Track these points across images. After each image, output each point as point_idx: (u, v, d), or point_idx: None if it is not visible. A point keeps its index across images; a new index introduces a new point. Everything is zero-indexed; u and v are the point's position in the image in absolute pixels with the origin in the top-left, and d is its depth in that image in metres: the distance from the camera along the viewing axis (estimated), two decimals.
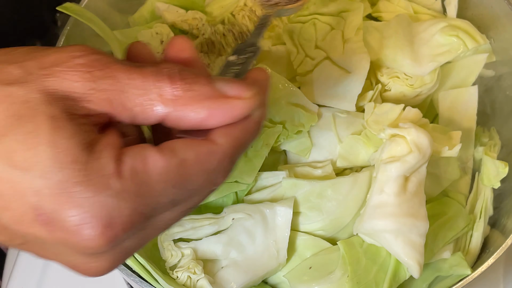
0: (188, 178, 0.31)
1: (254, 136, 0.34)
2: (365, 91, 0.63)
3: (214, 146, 0.32)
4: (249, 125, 0.34)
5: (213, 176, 0.32)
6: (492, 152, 0.64)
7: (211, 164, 0.32)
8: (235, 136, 0.33)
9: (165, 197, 0.31)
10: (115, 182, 0.29)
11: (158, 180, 0.30)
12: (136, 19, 0.74)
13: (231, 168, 0.33)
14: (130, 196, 0.29)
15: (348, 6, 0.65)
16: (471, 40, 0.65)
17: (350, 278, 0.53)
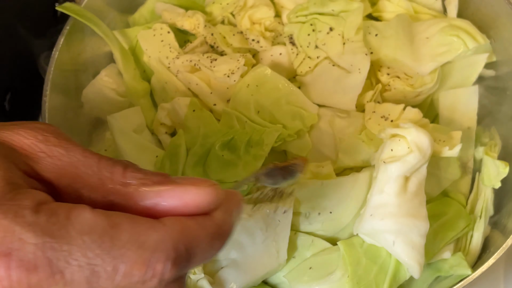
0: (115, 243, 0.27)
1: (213, 239, 0.31)
2: (365, 91, 0.63)
3: (156, 222, 0.29)
4: (207, 222, 0.31)
5: (148, 255, 0.28)
6: (493, 152, 0.64)
7: (147, 239, 0.28)
8: (186, 224, 0.30)
9: (82, 254, 0.27)
10: (28, 213, 0.27)
11: (80, 230, 0.27)
12: (136, 19, 0.74)
13: (174, 259, 0.29)
14: (40, 233, 0.26)
15: (348, 6, 0.65)
16: (472, 40, 0.65)
17: (350, 279, 0.53)
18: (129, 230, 0.28)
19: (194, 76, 0.64)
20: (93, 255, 0.27)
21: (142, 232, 0.28)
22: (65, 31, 0.65)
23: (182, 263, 0.29)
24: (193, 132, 0.61)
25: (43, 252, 0.26)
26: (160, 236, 0.29)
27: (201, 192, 0.31)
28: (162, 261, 0.28)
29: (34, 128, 0.31)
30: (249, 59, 0.65)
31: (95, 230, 0.27)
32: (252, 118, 0.61)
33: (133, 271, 0.28)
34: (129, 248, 0.28)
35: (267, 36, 0.69)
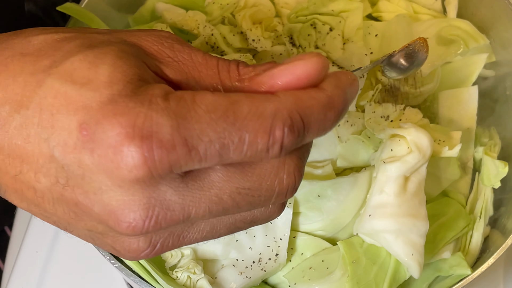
0: (238, 115, 0.30)
1: (326, 109, 0.32)
2: (365, 91, 0.63)
3: (271, 95, 0.31)
4: (318, 94, 0.32)
5: (268, 124, 0.30)
6: (492, 152, 0.64)
7: (265, 109, 0.30)
8: (298, 95, 0.32)
9: (211, 129, 0.29)
10: (160, 100, 0.29)
11: (205, 109, 0.29)
12: (136, 19, 0.74)
13: (291, 125, 0.31)
14: (173, 115, 0.29)
15: (348, 6, 0.65)
16: (472, 40, 0.65)
17: (350, 278, 0.53)
18: (248, 104, 0.30)
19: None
20: (221, 129, 0.29)
21: (260, 105, 0.30)
22: None
23: (299, 130, 0.31)
24: None
25: (179, 132, 0.29)
26: (275, 106, 0.30)
27: (309, 63, 0.33)
28: (281, 127, 0.30)
29: (159, 35, 0.34)
30: (249, 60, 0.65)
31: (219, 107, 0.30)
32: None
33: (257, 139, 0.30)
34: (250, 119, 0.30)
35: (267, 36, 0.69)
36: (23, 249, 0.76)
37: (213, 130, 0.29)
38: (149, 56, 0.33)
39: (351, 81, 0.35)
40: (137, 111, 0.28)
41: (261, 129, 0.30)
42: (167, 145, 0.28)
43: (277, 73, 0.33)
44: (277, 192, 0.33)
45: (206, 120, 0.29)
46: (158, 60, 0.33)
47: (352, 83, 0.35)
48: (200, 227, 0.34)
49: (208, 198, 0.31)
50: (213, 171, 0.32)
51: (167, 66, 0.33)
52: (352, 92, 0.35)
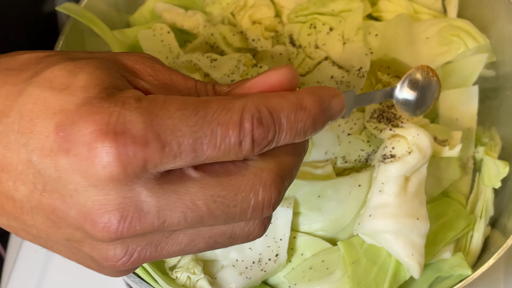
0: (208, 111, 0.31)
1: (297, 109, 0.33)
2: (365, 91, 0.63)
3: (240, 95, 0.33)
4: (288, 94, 0.33)
5: (238, 116, 0.31)
6: (493, 152, 0.64)
7: (233, 105, 0.31)
8: (266, 94, 0.33)
9: (183, 124, 0.30)
10: (133, 101, 0.30)
11: (177, 106, 0.30)
12: (136, 19, 0.74)
13: (259, 118, 0.31)
14: (145, 112, 0.30)
15: (348, 6, 0.65)
16: (472, 40, 0.65)
17: (351, 279, 0.53)
18: (217, 101, 0.31)
19: (194, 76, 0.64)
20: (193, 123, 0.30)
21: (228, 101, 0.31)
22: (65, 31, 0.65)
23: (268, 124, 0.32)
24: None
25: (152, 127, 0.29)
26: (243, 102, 0.32)
27: (281, 72, 0.34)
28: (249, 119, 0.31)
29: (142, 56, 0.35)
30: (249, 59, 0.65)
31: (190, 105, 0.31)
32: None
33: (228, 131, 0.31)
34: (220, 112, 0.31)
35: (267, 36, 0.69)
36: (23, 249, 0.76)
37: (185, 125, 0.30)
38: (130, 73, 0.34)
39: (332, 94, 0.35)
40: (111, 110, 0.29)
41: (231, 121, 0.31)
42: (141, 140, 0.29)
43: (250, 85, 0.34)
44: (252, 205, 0.33)
45: (178, 116, 0.30)
46: (139, 76, 0.34)
47: (333, 96, 0.35)
48: (178, 238, 0.34)
49: (183, 203, 0.31)
50: (188, 177, 0.32)
51: (147, 83, 0.34)
52: (334, 105, 0.35)
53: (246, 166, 0.33)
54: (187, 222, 0.32)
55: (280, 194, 0.34)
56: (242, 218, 0.33)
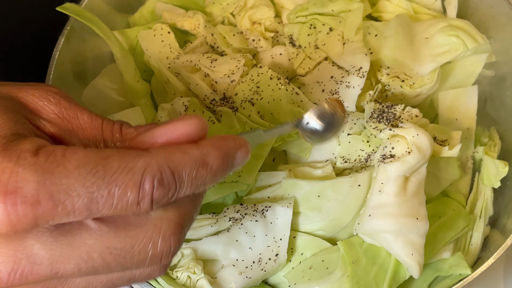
0: (108, 170, 0.30)
1: (198, 166, 0.33)
2: (365, 91, 0.63)
3: (142, 151, 0.32)
4: (192, 150, 0.33)
5: (138, 178, 0.31)
6: (492, 152, 0.64)
7: (135, 164, 0.31)
8: (169, 150, 0.33)
9: (79, 184, 0.30)
10: (29, 155, 0.30)
11: (75, 164, 0.30)
12: (136, 19, 0.74)
13: (160, 179, 0.32)
14: (40, 170, 0.29)
15: (348, 6, 0.65)
16: (471, 40, 0.65)
17: (350, 278, 0.53)
18: (118, 159, 0.31)
19: (194, 76, 0.64)
20: (89, 183, 0.30)
21: (130, 160, 0.31)
22: (65, 31, 0.65)
23: (170, 184, 0.32)
24: None
25: (44, 187, 0.29)
26: (146, 161, 0.31)
27: (189, 123, 0.34)
28: (150, 181, 0.31)
29: (48, 90, 0.34)
30: (249, 60, 0.65)
31: (89, 162, 0.30)
32: (252, 118, 0.61)
33: (126, 192, 0.31)
34: (120, 173, 0.31)
35: (267, 37, 0.69)
36: None
37: (82, 185, 0.30)
38: (32, 112, 0.33)
39: (238, 145, 0.35)
40: (3, 166, 0.29)
41: (130, 182, 0.31)
42: (32, 200, 0.29)
43: (157, 133, 0.34)
44: (150, 256, 0.33)
45: (74, 175, 0.30)
46: (41, 116, 0.34)
47: (238, 148, 0.35)
48: (75, 283, 0.34)
49: (78, 255, 0.31)
50: (86, 228, 0.32)
51: (50, 122, 0.34)
52: (238, 157, 0.35)
53: (146, 216, 0.33)
54: (81, 272, 0.32)
55: (180, 243, 0.34)
56: (139, 267, 0.33)
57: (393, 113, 0.59)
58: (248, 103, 0.62)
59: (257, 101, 0.61)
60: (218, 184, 0.57)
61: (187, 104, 0.62)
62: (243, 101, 0.62)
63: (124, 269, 0.33)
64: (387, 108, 0.60)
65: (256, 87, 0.62)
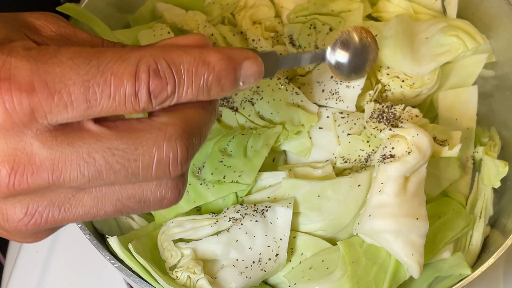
0: (101, 60, 0.29)
1: (199, 64, 0.32)
2: (365, 91, 0.63)
3: (139, 47, 0.31)
4: (192, 49, 0.32)
5: (133, 67, 0.30)
6: (492, 152, 0.64)
7: (129, 56, 0.30)
8: (166, 47, 0.32)
9: (74, 73, 0.29)
10: (21, 49, 0.29)
11: (68, 55, 0.29)
12: (136, 19, 0.74)
13: (156, 70, 0.30)
14: (33, 60, 0.29)
15: (348, 6, 0.65)
16: (471, 40, 0.65)
17: (350, 278, 0.53)
18: (112, 52, 0.30)
19: None
20: (84, 72, 0.29)
21: (124, 52, 0.30)
22: None
23: (167, 75, 0.31)
24: None
25: (38, 75, 0.28)
26: (140, 53, 0.30)
27: (193, 36, 0.34)
28: (145, 70, 0.30)
29: (46, 14, 0.34)
30: None
31: (83, 54, 0.29)
32: (252, 118, 0.61)
33: (122, 81, 0.30)
34: (114, 62, 0.30)
35: (267, 36, 0.69)
36: (23, 249, 0.76)
37: (76, 73, 0.29)
38: (30, 29, 0.33)
39: (245, 56, 0.34)
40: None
41: (126, 71, 0.30)
42: (26, 87, 0.28)
43: (162, 44, 0.33)
44: (156, 160, 0.31)
45: (68, 64, 0.29)
46: (40, 33, 0.33)
47: (246, 58, 0.34)
48: (83, 200, 0.32)
49: (79, 156, 0.30)
50: (86, 130, 0.31)
51: (48, 38, 0.33)
52: (246, 67, 0.34)
53: (150, 121, 0.32)
54: (84, 176, 0.30)
55: (188, 151, 0.32)
56: (147, 175, 0.32)
57: (393, 113, 0.59)
58: (248, 103, 0.62)
59: (257, 101, 0.61)
60: (218, 184, 0.57)
61: None
62: (243, 101, 0.62)
63: (130, 177, 0.31)
64: (387, 108, 0.60)
65: (256, 87, 0.62)
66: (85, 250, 0.71)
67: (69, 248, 0.76)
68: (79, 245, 0.73)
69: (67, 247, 0.76)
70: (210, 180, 0.57)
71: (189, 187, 0.57)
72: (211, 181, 0.57)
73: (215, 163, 0.58)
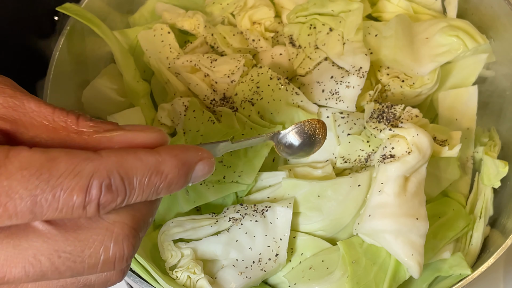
0: (53, 173, 0.29)
1: (152, 173, 0.32)
2: (365, 91, 0.63)
3: (92, 154, 0.31)
4: (147, 156, 0.32)
5: (85, 182, 0.30)
6: (492, 152, 0.64)
7: (83, 168, 0.30)
8: (121, 155, 0.32)
9: (22, 187, 0.29)
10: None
11: (18, 166, 0.29)
12: (136, 19, 0.74)
13: (108, 185, 0.31)
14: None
15: (347, 6, 0.65)
16: (471, 40, 0.65)
17: (350, 278, 0.53)
18: (66, 162, 0.30)
19: (194, 76, 0.64)
20: (33, 186, 0.29)
21: (78, 163, 0.30)
22: (65, 31, 0.65)
23: (119, 190, 0.31)
24: (193, 133, 0.61)
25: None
26: (95, 165, 0.30)
27: (149, 136, 0.33)
28: (97, 186, 0.30)
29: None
30: (249, 60, 0.65)
31: (33, 164, 0.29)
32: (252, 118, 0.61)
33: (72, 197, 0.30)
34: (66, 177, 0.29)
35: (267, 37, 0.69)
36: None
37: (24, 188, 0.29)
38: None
39: (200, 157, 0.34)
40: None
41: (77, 186, 0.30)
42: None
43: (116, 138, 0.33)
44: (102, 261, 0.32)
45: (17, 178, 0.29)
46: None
47: (200, 159, 0.34)
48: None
49: (24, 258, 0.30)
50: (33, 230, 0.31)
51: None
52: (198, 170, 0.34)
53: (97, 220, 0.32)
54: (29, 277, 0.31)
55: (134, 247, 0.33)
56: (92, 272, 0.32)
57: (393, 113, 0.59)
58: (248, 103, 0.62)
59: (257, 101, 0.61)
60: (218, 184, 0.57)
61: (187, 104, 0.62)
62: (243, 101, 0.62)
63: (75, 274, 0.32)
64: (387, 108, 0.60)
65: (256, 87, 0.62)
66: None
67: None
68: None
69: None
70: (210, 180, 0.57)
71: (189, 187, 0.57)
72: (211, 181, 0.57)
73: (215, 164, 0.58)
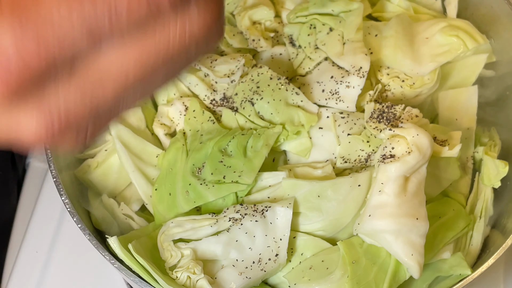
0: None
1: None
2: (365, 91, 0.63)
3: None
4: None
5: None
6: (492, 152, 0.64)
7: None
8: None
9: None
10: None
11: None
12: None
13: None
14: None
15: (348, 6, 0.65)
16: (471, 40, 0.65)
17: (350, 279, 0.53)
18: None
19: (194, 76, 0.64)
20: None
21: None
22: None
23: None
24: (193, 132, 0.61)
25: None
26: None
27: None
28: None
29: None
30: (249, 59, 0.65)
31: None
32: (252, 118, 0.61)
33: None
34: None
35: (267, 36, 0.69)
36: (23, 249, 0.76)
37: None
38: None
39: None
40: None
41: None
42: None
43: None
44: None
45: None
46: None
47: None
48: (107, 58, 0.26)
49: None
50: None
51: None
52: None
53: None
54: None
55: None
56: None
57: (393, 113, 0.59)
58: (248, 103, 0.62)
59: (257, 101, 0.61)
60: (218, 184, 0.57)
61: (187, 104, 0.62)
62: (243, 101, 0.62)
63: None
64: (387, 108, 0.60)
65: (256, 87, 0.62)
66: (85, 250, 0.71)
67: (69, 248, 0.76)
68: (79, 245, 0.73)
69: (67, 247, 0.76)
70: (210, 180, 0.57)
71: (189, 187, 0.57)
72: (211, 181, 0.57)
73: (215, 163, 0.58)
